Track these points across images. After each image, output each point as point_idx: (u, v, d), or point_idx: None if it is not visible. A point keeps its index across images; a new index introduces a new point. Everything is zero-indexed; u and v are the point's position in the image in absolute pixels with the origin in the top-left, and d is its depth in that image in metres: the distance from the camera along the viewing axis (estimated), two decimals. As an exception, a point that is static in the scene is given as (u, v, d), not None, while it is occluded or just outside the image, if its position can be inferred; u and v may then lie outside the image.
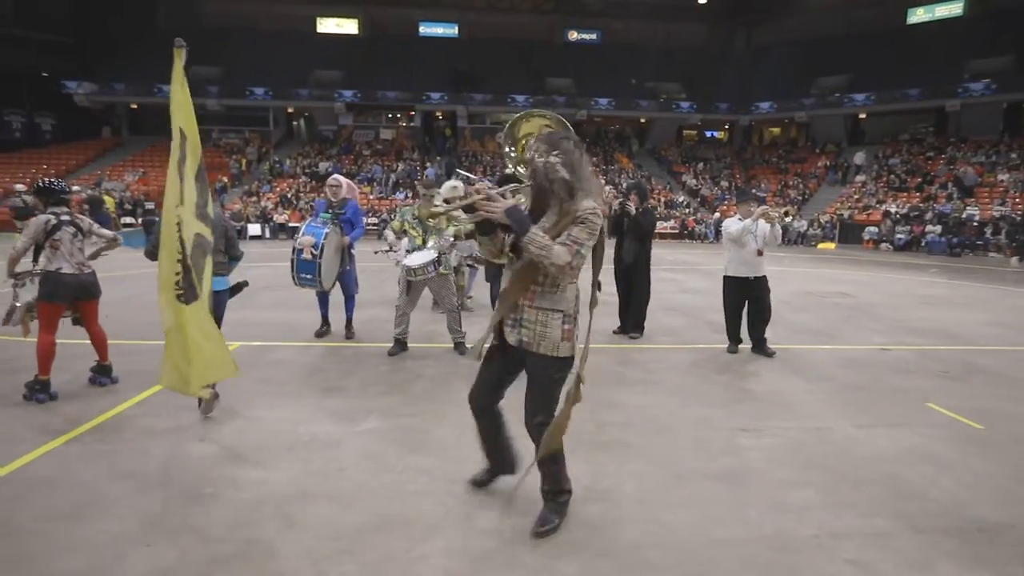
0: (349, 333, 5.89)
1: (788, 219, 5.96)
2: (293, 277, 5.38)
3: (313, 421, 3.75)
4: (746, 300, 5.57)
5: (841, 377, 4.94)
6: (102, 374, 4.53)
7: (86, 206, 17.60)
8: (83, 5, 27.82)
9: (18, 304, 4.23)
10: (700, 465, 3.23)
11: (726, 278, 5.67)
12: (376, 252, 5.76)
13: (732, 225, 5.52)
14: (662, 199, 24.56)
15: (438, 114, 31.01)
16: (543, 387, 2.51)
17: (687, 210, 24.22)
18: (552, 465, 2.55)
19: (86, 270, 4.36)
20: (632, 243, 6.14)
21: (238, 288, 4.54)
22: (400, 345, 5.37)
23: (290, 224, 19.80)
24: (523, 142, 3.63)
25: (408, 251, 5.33)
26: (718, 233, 21.74)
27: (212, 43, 28.43)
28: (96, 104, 27.50)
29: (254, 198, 21.92)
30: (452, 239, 5.35)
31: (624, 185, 22.44)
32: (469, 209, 2.53)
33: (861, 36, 28.82)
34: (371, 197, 22.93)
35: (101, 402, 4.02)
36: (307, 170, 25.02)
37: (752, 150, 31.93)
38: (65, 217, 4.29)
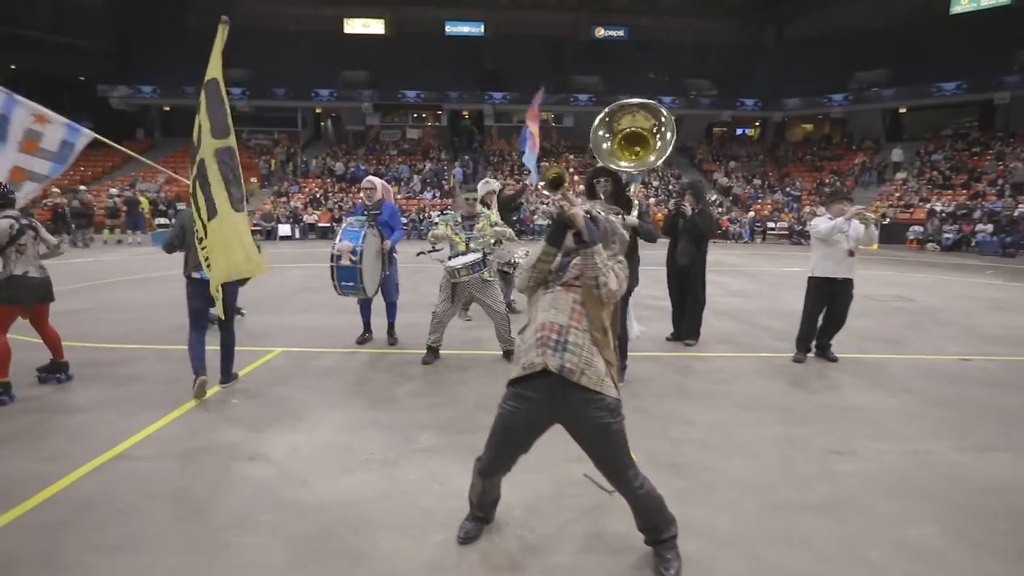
0: (392, 340, 5.68)
1: (887, 220, 5.59)
2: (335, 286, 5.18)
3: (367, 437, 3.52)
4: (826, 303, 5.23)
5: (926, 391, 4.55)
6: (56, 371, 4.53)
7: (125, 207, 17.86)
8: (119, 11, 28.27)
9: None
10: (796, 494, 2.91)
11: (811, 279, 5.32)
12: (419, 253, 5.53)
13: (821, 223, 5.17)
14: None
15: (464, 113, 30.84)
16: (605, 442, 2.20)
17: (720, 209, 23.64)
18: (651, 505, 2.27)
19: (45, 272, 4.37)
20: (687, 245, 5.82)
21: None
22: (433, 353, 5.14)
23: (319, 224, 19.80)
24: (624, 132, 3.34)
25: (450, 256, 5.08)
26: (753, 233, 21.18)
27: (242, 45, 28.70)
28: (130, 107, 27.95)
29: (283, 198, 22.00)
30: (492, 243, 5.10)
31: (679, 185, 21.99)
32: (558, 184, 2.28)
33: (900, 27, 27.80)
34: (398, 197, 22.84)
35: (143, 416, 3.84)
36: (327, 170, 25.05)
37: (785, 147, 31.11)
38: (25, 221, 4.24)
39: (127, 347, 5.54)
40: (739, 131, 33.75)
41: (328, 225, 19.66)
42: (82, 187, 18.80)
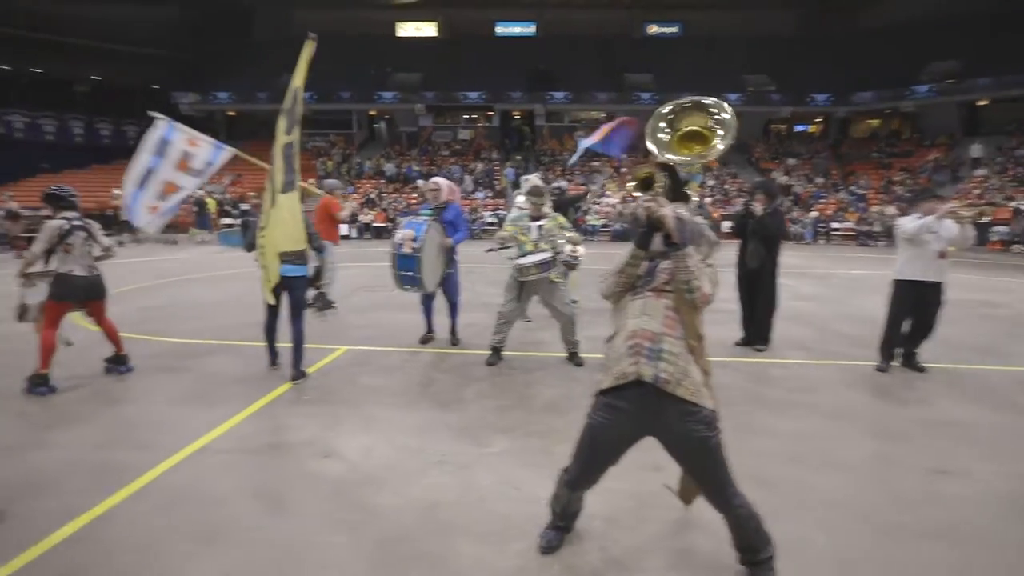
0: (454, 340, 5.68)
1: (985, 218, 5.18)
2: (395, 278, 5.17)
3: (438, 439, 3.50)
4: (913, 308, 4.90)
5: (1032, 406, 4.19)
6: (118, 363, 4.77)
7: (196, 208, 18.72)
8: (190, 22, 29.69)
9: (29, 303, 4.42)
10: (902, 517, 2.70)
11: (897, 282, 4.99)
12: (488, 250, 5.51)
13: (908, 223, 4.85)
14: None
15: (516, 113, 30.86)
16: (704, 457, 2.09)
17: (781, 208, 22.74)
18: (750, 524, 2.14)
19: (95, 271, 4.55)
20: (757, 247, 5.58)
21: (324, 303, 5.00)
22: (497, 354, 5.10)
23: (375, 224, 20.19)
24: (682, 129, 3.21)
25: (517, 257, 5.02)
26: (816, 233, 20.30)
27: (298, 52, 29.64)
28: (198, 112, 29.27)
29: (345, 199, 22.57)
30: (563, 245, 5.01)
31: (751, 184, 21.26)
32: (648, 185, 2.24)
33: (978, 15, 26.04)
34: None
35: (221, 410, 3.95)
36: (379, 171, 25.52)
37: (849, 144, 29.69)
38: (77, 222, 4.45)
39: (201, 343, 5.75)
40: (799, 128, 32.44)
41: (383, 225, 20.02)
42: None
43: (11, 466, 3.09)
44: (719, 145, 2.46)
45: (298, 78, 4.26)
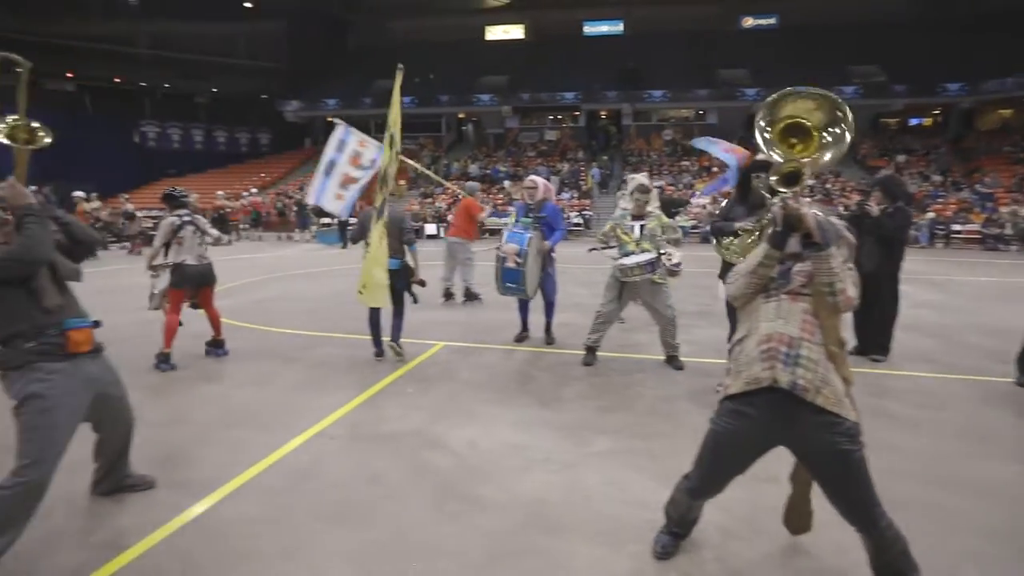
0: (549, 339, 5.69)
1: None
2: (498, 286, 5.30)
3: (540, 436, 3.52)
4: None
5: None
6: (216, 347, 5.26)
7: (296, 207, 20.06)
8: (293, 35, 31.77)
9: (156, 292, 4.95)
10: (1066, 551, 2.41)
11: None
12: (591, 250, 5.48)
13: None
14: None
15: (602, 113, 30.52)
16: (846, 472, 1.94)
17: (908, 210, 20.97)
18: (896, 548, 1.98)
19: (205, 261, 5.05)
20: (873, 248, 5.17)
21: (419, 282, 5.30)
22: (592, 354, 5.04)
23: (462, 225, 20.66)
24: (783, 123, 3.03)
25: (619, 256, 4.95)
26: (933, 236, 18.57)
27: (396, 59, 30.84)
28: (301, 119, 31.30)
29: (429, 199, 23.29)
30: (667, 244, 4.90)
31: (871, 179, 19.91)
32: (793, 180, 2.04)
33: None
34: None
35: (334, 397, 4.18)
36: (465, 173, 26.04)
37: (974, 137, 26.89)
38: (187, 218, 4.98)
39: (311, 334, 6.12)
40: (913, 121, 29.80)
41: (470, 225, 20.47)
42: (219, 193, 21.11)
43: (156, 439, 3.42)
44: (827, 153, 2.27)
45: (393, 111, 4.78)
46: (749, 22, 31.31)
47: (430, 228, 20.56)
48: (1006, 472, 3.12)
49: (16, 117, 2.46)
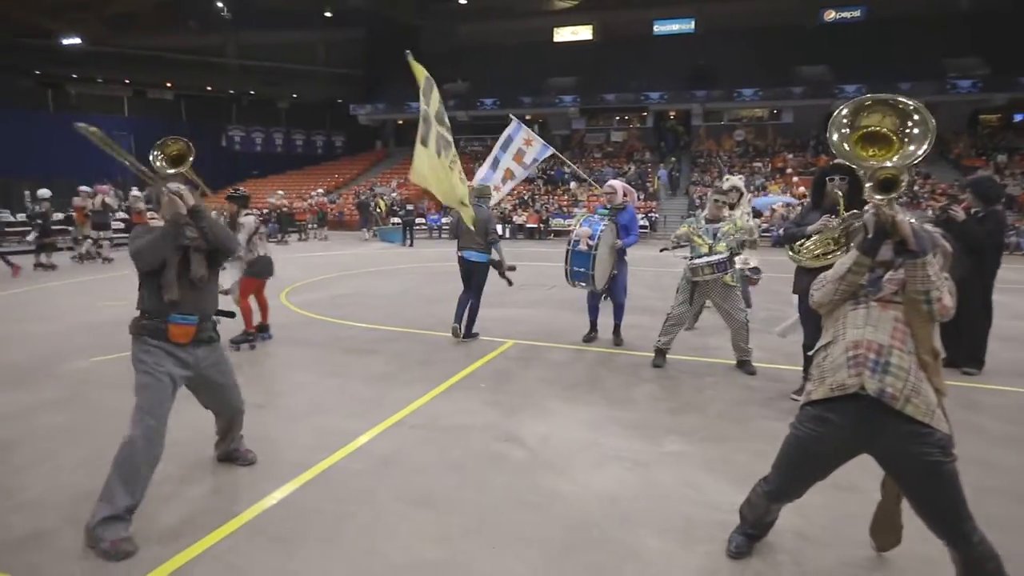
0: (618, 340, 5.72)
1: None
2: (566, 272, 5.36)
3: (611, 434, 3.59)
4: None
5: None
6: (263, 331, 5.80)
7: (356, 207, 20.98)
8: (371, 41, 33.03)
9: (233, 281, 5.52)
10: None
11: None
12: (662, 250, 5.48)
13: None
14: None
15: (671, 113, 29.92)
16: (935, 484, 1.90)
17: (1003, 213, 19.42)
18: (988, 566, 1.92)
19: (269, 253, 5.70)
20: (962, 255, 4.87)
21: (509, 268, 5.96)
22: (662, 356, 5.03)
23: (528, 225, 20.84)
24: (862, 131, 2.96)
25: (692, 258, 4.92)
26: (1037, 242, 17.06)
27: (465, 61, 31.60)
28: (373, 122, 32.52)
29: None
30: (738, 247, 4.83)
31: (962, 181, 18.75)
32: (890, 186, 2.01)
33: None
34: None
35: (411, 390, 4.39)
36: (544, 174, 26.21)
37: (1088, 134, 24.45)
38: (261, 216, 5.41)
39: (388, 328, 6.42)
40: (1017, 117, 27.41)
41: (535, 226, 20.59)
42: (279, 192, 22.10)
43: (251, 422, 3.71)
44: (906, 155, 2.20)
45: (431, 100, 5.31)
46: (831, 15, 29.80)
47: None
48: (1117, 497, 2.91)
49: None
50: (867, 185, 1.95)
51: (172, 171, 2.82)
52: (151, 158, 2.83)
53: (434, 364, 5.05)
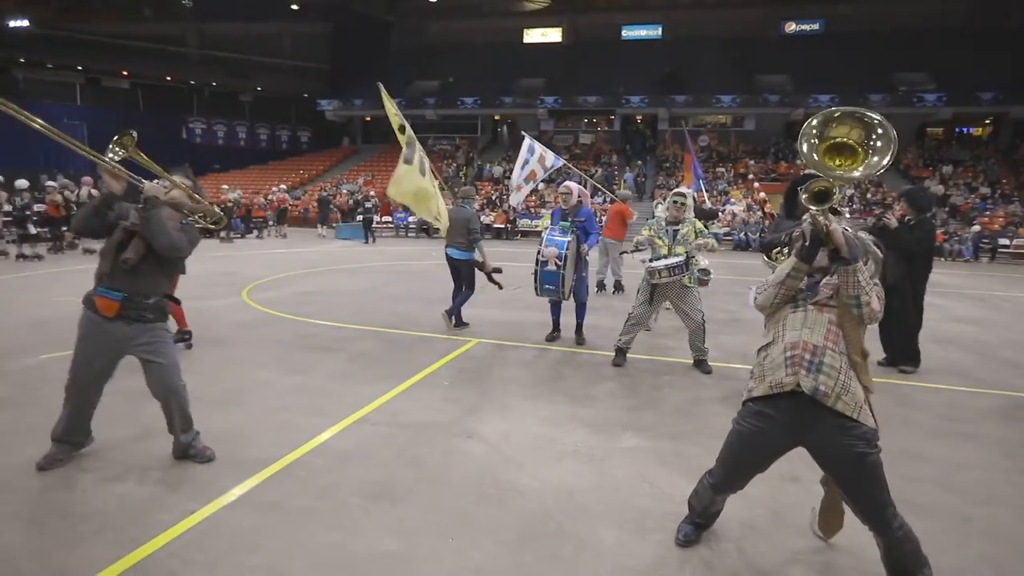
0: (579, 339, 5.84)
1: None
2: (536, 288, 5.51)
3: (571, 431, 3.69)
4: None
5: None
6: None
7: (316, 204, 20.73)
8: (335, 36, 32.54)
9: None
10: (1083, 561, 2.46)
11: None
12: (621, 253, 5.63)
13: None
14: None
15: (637, 118, 30.43)
16: (861, 473, 2.06)
17: (934, 222, 20.42)
18: (907, 547, 2.09)
19: None
20: (895, 261, 5.17)
21: (495, 270, 6.29)
22: (622, 355, 5.17)
23: (495, 225, 20.89)
24: (830, 141, 3.13)
25: (652, 259, 5.08)
26: (977, 250, 18.03)
27: (434, 60, 31.47)
28: (340, 118, 32.04)
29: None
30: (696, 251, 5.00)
31: (898, 192, 19.58)
32: (823, 198, 2.13)
33: None
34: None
35: (374, 387, 4.41)
36: (490, 174, 26.29)
37: (1026, 149, 25.90)
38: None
39: (351, 327, 6.39)
40: (959, 130, 28.86)
41: (503, 226, 20.67)
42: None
43: (214, 418, 3.68)
44: (871, 165, 2.37)
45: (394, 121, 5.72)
46: (792, 27, 30.81)
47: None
48: (1032, 486, 3.15)
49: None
50: (803, 196, 2.08)
51: (118, 159, 2.85)
52: (110, 148, 2.83)
53: (397, 362, 5.08)
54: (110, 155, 2.81)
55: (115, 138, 2.86)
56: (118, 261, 2.82)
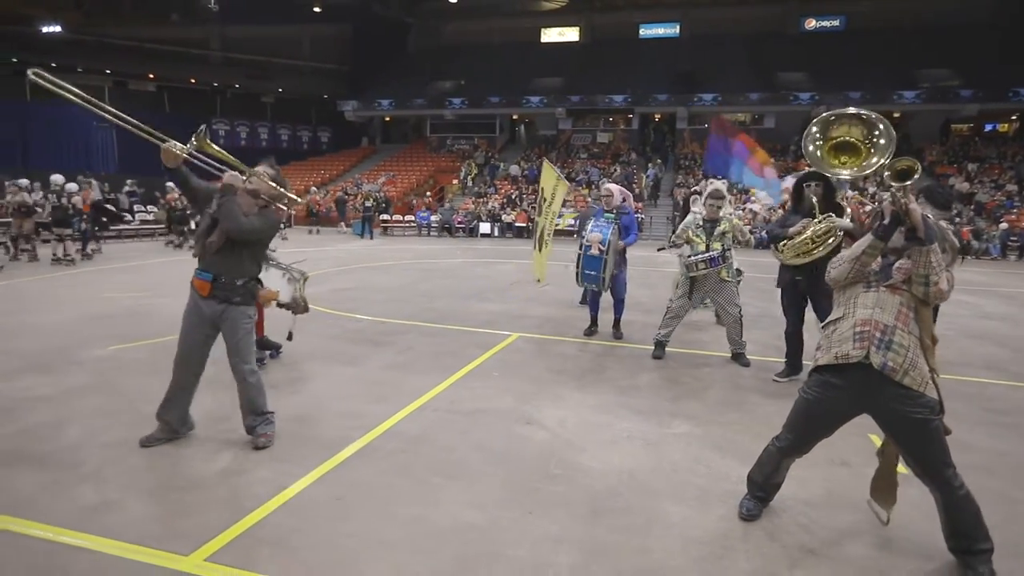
0: (617, 334, 6.01)
1: None
2: (577, 274, 5.66)
3: (623, 417, 3.86)
4: None
5: None
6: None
7: (335, 205, 21.37)
8: (358, 37, 32.93)
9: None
10: None
11: None
12: (660, 248, 5.79)
13: None
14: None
15: (656, 116, 30.43)
16: (923, 437, 2.22)
17: (958, 219, 20.25)
18: (969, 508, 2.23)
19: None
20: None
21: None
22: (662, 347, 5.33)
23: (516, 224, 21.08)
24: (833, 140, 3.27)
25: (690, 255, 5.22)
26: (1005, 248, 17.86)
27: (452, 60, 31.71)
28: (360, 118, 32.43)
29: (483, 199, 23.84)
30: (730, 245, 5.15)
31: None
32: (905, 176, 2.23)
33: None
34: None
35: (427, 378, 4.62)
36: (507, 173, 26.48)
37: (1054, 145, 25.51)
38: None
39: (394, 322, 6.62)
40: (987, 127, 28.48)
41: (524, 225, 20.86)
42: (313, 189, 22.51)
43: (287, 404, 3.91)
44: (872, 164, 2.53)
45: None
46: (812, 24, 30.62)
47: (484, 227, 21.03)
48: (1075, 472, 3.27)
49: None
50: (885, 174, 2.22)
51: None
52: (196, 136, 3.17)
53: (445, 355, 5.28)
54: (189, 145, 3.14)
55: (194, 135, 3.20)
56: (207, 245, 3.14)
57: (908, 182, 2.19)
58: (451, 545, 2.43)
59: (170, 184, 14.53)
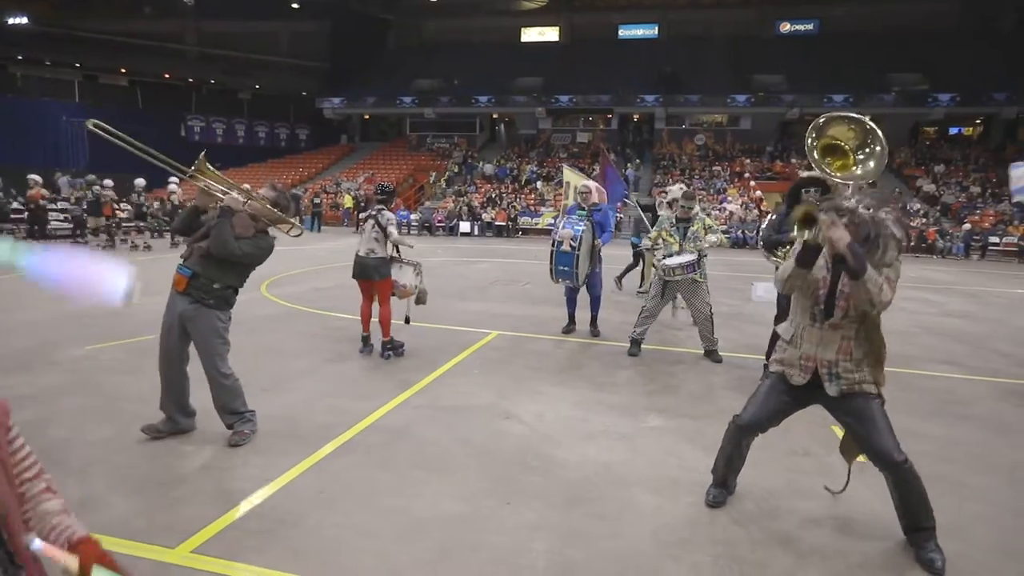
0: (594, 331, 6.15)
1: None
2: (551, 270, 5.77)
3: (598, 412, 3.99)
4: None
5: None
6: (388, 348, 5.22)
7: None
8: (334, 35, 32.67)
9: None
10: (1065, 519, 2.79)
11: None
12: (647, 248, 5.93)
13: None
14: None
15: (635, 116, 30.77)
16: (866, 413, 2.42)
17: (924, 220, 20.93)
18: (916, 487, 2.40)
19: (372, 255, 5.07)
20: None
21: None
22: (637, 345, 5.48)
23: (496, 223, 21.17)
24: (824, 143, 3.44)
25: (664, 256, 5.39)
26: (968, 248, 18.49)
27: (432, 59, 31.66)
28: (339, 116, 32.21)
29: (464, 197, 23.88)
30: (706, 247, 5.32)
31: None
32: (809, 223, 2.38)
33: None
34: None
35: (409, 376, 4.70)
36: (481, 174, 26.57)
37: (1017, 147, 26.43)
38: (373, 212, 5.16)
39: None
40: (953, 130, 29.40)
41: (504, 224, 20.95)
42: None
43: (264, 402, 3.95)
44: (855, 175, 2.68)
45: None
46: (787, 27, 31.24)
47: (464, 226, 21.06)
48: (1020, 456, 3.49)
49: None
50: (791, 225, 2.38)
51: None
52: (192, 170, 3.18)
53: (424, 354, 5.36)
54: (189, 175, 3.23)
55: (196, 162, 3.34)
56: (195, 248, 3.24)
57: (810, 228, 2.28)
58: (433, 534, 2.53)
59: (33, 178, 13.84)
